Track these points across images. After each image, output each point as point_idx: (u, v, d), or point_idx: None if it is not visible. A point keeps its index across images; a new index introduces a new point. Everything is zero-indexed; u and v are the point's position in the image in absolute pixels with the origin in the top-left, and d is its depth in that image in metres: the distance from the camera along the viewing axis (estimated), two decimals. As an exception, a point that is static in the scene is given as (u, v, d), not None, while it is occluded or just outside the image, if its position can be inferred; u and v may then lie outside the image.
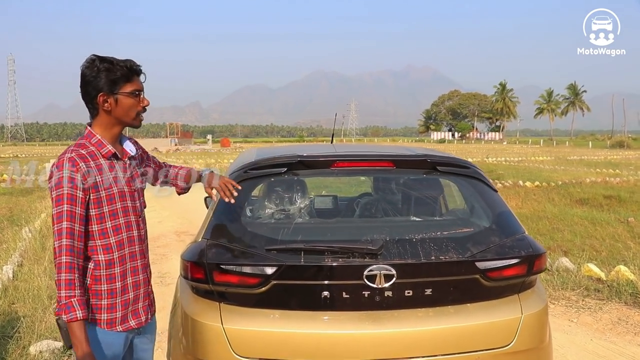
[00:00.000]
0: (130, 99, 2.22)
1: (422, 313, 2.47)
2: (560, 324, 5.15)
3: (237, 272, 2.44)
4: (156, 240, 9.32)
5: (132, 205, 2.31)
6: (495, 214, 2.79)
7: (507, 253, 2.55)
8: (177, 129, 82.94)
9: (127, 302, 2.29)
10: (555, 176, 20.49)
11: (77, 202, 2.10)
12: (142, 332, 2.43)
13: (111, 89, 2.18)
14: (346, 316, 2.44)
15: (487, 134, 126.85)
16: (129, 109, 2.24)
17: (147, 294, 2.41)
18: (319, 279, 2.42)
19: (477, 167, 2.98)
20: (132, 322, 2.31)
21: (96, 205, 2.17)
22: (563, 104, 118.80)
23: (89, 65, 2.17)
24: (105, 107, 2.20)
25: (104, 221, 2.20)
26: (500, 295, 2.58)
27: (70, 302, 2.03)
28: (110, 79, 2.17)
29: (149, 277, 2.45)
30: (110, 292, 2.23)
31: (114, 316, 2.24)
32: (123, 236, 2.26)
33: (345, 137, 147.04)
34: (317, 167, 2.84)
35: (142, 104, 2.29)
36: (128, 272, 2.28)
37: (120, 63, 2.19)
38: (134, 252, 2.31)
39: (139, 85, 2.26)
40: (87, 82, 2.18)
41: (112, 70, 2.17)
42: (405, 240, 2.53)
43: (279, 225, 2.75)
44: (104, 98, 2.18)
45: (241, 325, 2.42)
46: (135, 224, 2.32)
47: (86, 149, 2.20)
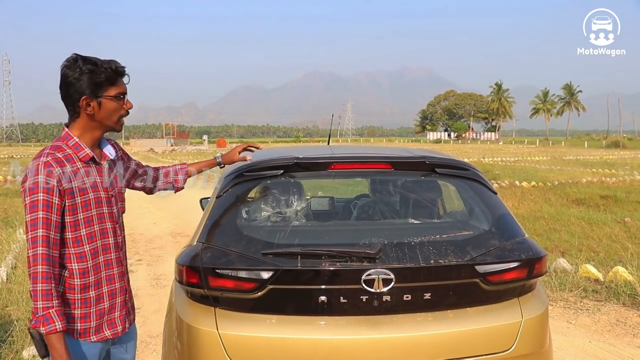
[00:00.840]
0: (114, 102, 2.14)
1: (421, 318, 2.43)
2: (559, 325, 5.13)
3: (232, 276, 2.39)
4: (152, 242, 9.28)
5: (109, 211, 2.22)
6: (495, 217, 2.75)
7: (507, 256, 2.51)
8: (173, 130, 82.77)
9: (102, 311, 2.20)
10: (551, 176, 20.52)
11: (52, 209, 2.00)
12: (119, 342, 2.35)
13: (95, 92, 2.09)
14: (344, 321, 2.39)
15: (483, 134, 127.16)
16: (112, 113, 2.16)
17: (124, 302, 2.33)
18: (316, 283, 2.37)
19: (477, 168, 2.94)
20: (107, 332, 2.23)
21: (71, 212, 2.08)
22: (559, 104, 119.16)
23: (71, 66, 2.07)
24: (88, 111, 2.10)
25: (79, 228, 2.10)
26: (500, 299, 2.54)
27: (48, 314, 1.94)
28: (94, 82, 2.07)
29: (127, 284, 2.37)
30: (84, 301, 2.14)
31: (87, 326, 2.16)
32: (98, 244, 2.17)
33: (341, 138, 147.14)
34: (314, 169, 2.79)
35: (126, 108, 2.21)
36: (103, 281, 2.20)
37: (104, 65, 2.10)
38: (110, 260, 2.23)
39: (123, 88, 2.18)
40: (69, 84, 2.08)
41: (96, 73, 2.07)
42: (403, 243, 2.48)
43: (275, 228, 2.70)
44: (87, 101, 2.09)
45: (237, 330, 2.37)
46: (111, 230, 2.23)
47: (62, 152, 2.10)
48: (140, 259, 8.03)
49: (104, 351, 2.28)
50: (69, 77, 2.07)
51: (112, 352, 2.35)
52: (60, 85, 2.10)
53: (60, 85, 2.10)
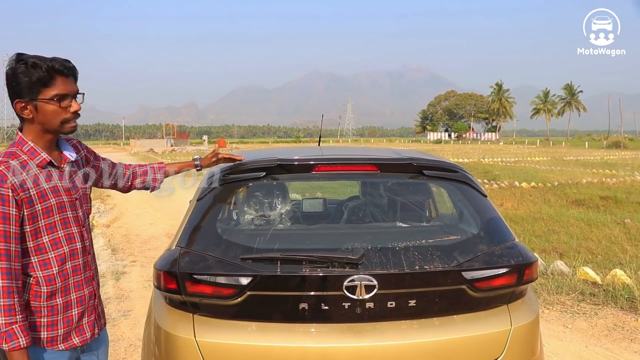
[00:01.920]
0: (51, 105, 1.98)
1: (406, 325, 2.34)
2: (555, 329, 5.04)
3: (210, 282, 2.31)
4: (147, 243, 9.22)
5: (74, 215, 2.12)
6: (484, 221, 2.66)
7: (496, 262, 2.42)
8: (173, 130, 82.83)
9: (70, 318, 2.12)
10: (551, 177, 20.44)
11: (10, 221, 1.90)
12: (89, 349, 2.27)
13: (29, 95, 1.95)
14: (326, 329, 2.31)
15: (483, 135, 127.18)
16: (52, 117, 2.00)
17: (94, 308, 2.24)
18: (297, 289, 2.29)
19: (467, 171, 2.85)
20: (75, 339, 2.15)
21: (31, 220, 1.98)
22: (559, 104, 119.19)
23: (10, 67, 1.95)
24: (25, 114, 1.98)
25: (40, 236, 2.01)
26: (489, 306, 2.45)
27: (11, 330, 1.88)
28: (25, 83, 1.93)
29: (96, 290, 2.27)
30: (50, 308, 2.06)
31: (55, 334, 2.07)
32: (64, 250, 2.08)
33: (342, 138, 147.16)
34: (298, 171, 2.71)
35: (70, 110, 2.03)
36: (71, 288, 2.11)
37: (38, 63, 1.93)
38: (78, 265, 2.14)
39: (63, 89, 1.99)
40: (8, 87, 1.95)
41: (27, 74, 1.92)
42: (387, 248, 2.40)
43: (256, 232, 2.62)
44: (21, 105, 1.96)
45: (215, 338, 2.29)
46: (78, 235, 2.14)
47: (17, 159, 1.98)
48: (135, 260, 7.95)
49: (73, 359, 2.20)
50: (8, 78, 1.96)
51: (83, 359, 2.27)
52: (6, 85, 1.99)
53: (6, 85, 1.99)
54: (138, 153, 53.55)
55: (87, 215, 2.25)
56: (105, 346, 2.40)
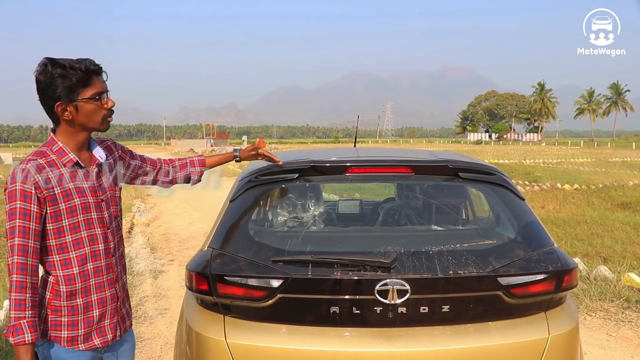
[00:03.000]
0: (91, 104, 2.04)
1: (439, 331, 2.29)
2: (598, 338, 4.87)
3: (241, 284, 2.31)
4: (185, 242, 9.34)
5: (99, 216, 2.14)
6: (521, 225, 2.58)
7: (533, 268, 2.34)
8: (213, 130, 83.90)
9: (91, 319, 2.13)
10: (595, 178, 19.84)
11: (31, 218, 1.95)
12: (112, 349, 2.28)
13: (69, 97, 2.00)
14: (357, 333, 2.28)
15: (525, 135, 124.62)
16: (93, 115, 2.07)
17: (116, 310, 2.24)
18: (328, 293, 2.27)
19: (504, 173, 2.78)
20: (96, 340, 2.16)
21: (54, 219, 2.01)
22: (605, 104, 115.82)
23: (42, 71, 1.98)
24: (66, 116, 2.03)
25: (63, 235, 2.04)
26: (525, 313, 2.37)
27: (19, 324, 1.90)
28: (66, 86, 1.98)
29: (119, 292, 2.27)
30: (71, 308, 2.08)
31: (75, 334, 2.09)
32: (86, 250, 2.09)
33: (380, 139, 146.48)
34: (331, 173, 2.69)
35: (107, 106, 2.11)
36: (92, 289, 2.12)
37: (74, 65, 1.99)
38: (100, 266, 2.15)
39: (100, 87, 2.07)
40: (42, 91, 2.00)
41: (66, 76, 1.97)
42: (421, 252, 2.35)
43: (288, 234, 2.60)
44: (62, 107, 2.01)
45: (246, 340, 2.29)
46: (101, 237, 2.15)
47: (46, 158, 2.04)
48: (173, 259, 8.07)
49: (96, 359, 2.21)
50: (41, 83, 1.99)
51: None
52: (37, 91, 2.02)
53: (37, 91, 2.02)
54: (179, 153, 54.46)
55: (115, 217, 2.25)
56: (130, 347, 2.40)
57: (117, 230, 2.28)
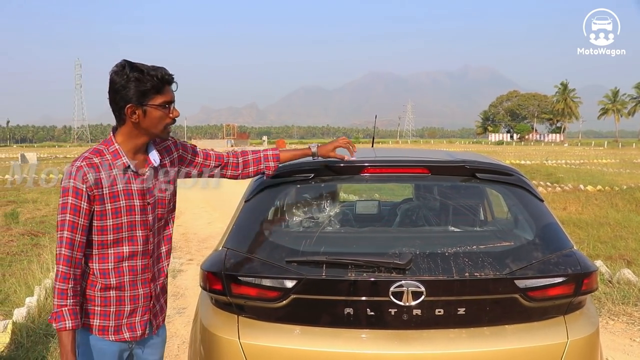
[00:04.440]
0: (159, 111, 2.13)
1: (454, 334, 2.26)
2: (620, 342, 4.78)
3: (255, 284, 2.30)
4: (204, 242, 9.40)
5: (142, 219, 2.20)
6: (539, 227, 2.53)
7: (552, 270, 2.30)
8: (233, 130, 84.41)
9: (122, 313, 2.21)
10: (619, 180, 19.52)
11: (80, 213, 2.05)
12: (143, 344, 2.34)
13: (140, 101, 2.08)
14: (371, 335, 2.26)
15: (547, 136, 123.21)
16: (158, 122, 2.15)
17: (148, 308, 2.30)
18: (342, 294, 2.25)
19: (522, 174, 2.74)
20: (126, 334, 2.23)
21: (99, 217, 2.10)
22: (630, 103, 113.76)
23: (119, 72, 2.07)
24: (134, 118, 2.11)
25: (105, 233, 2.12)
26: (543, 316, 2.33)
27: (61, 312, 2.02)
28: (139, 90, 2.07)
29: (153, 292, 2.32)
30: (103, 299, 2.17)
31: (106, 324, 2.19)
32: (124, 249, 2.17)
33: (401, 139, 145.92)
34: (346, 173, 2.67)
35: (172, 116, 2.18)
36: (126, 285, 2.20)
37: (151, 72, 2.08)
38: (135, 266, 2.21)
39: (169, 97, 2.15)
40: (116, 91, 2.08)
41: (142, 81, 2.06)
42: (436, 254, 2.32)
43: (303, 234, 2.59)
44: (132, 109, 2.09)
45: (259, 340, 2.28)
46: (142, 238, 2.21)
47: (101, 157, 2.12)
48: (192, 258, 8.12)
49: (126, 352, 2.29)
50: (116, 83, 2.07)
51: (136, 353, 2.35)
52: (108, 91, 2.11)
53: (108, 91, 2.11)
54: (199, 153, 54.81)
55: (159, 220, 2.31)
56: (161, 342, 2.46)
57: (161, 232, 2.34)
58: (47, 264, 6.96)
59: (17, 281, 6.40)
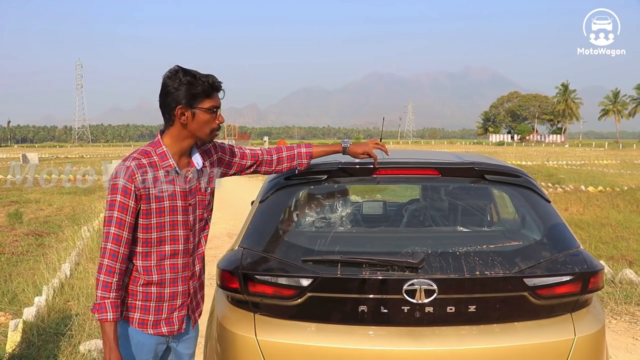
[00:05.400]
0: (207, 114, 2.22)
1: (465, 331, 2.33)
2: (623, 341, 4.84)
3: (272, 282, 2.38)
4: (209, 242, 9.38)
5: (184, 219, 2.29)
6: (547, 227, 2.61)
7: (559, 269, 2.37)
8: (234, 131, 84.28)
9: (161, 309, 2.30)
10: (620, 181, 19.56)
11: (127, 211, 2.15)
12: (179, 338, 2.44)
13: (190, 103, 2.18)
14: (384, 332, 2.33)
15: (548, 137, 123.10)
16: (204, 125, 2.24)
17: (186, 305, 2.40)
18: (356, 292, 2.32)
19: (530, 175, 2.81)
20: (164, 328, 2.33)
21: (144, 216, 2.20)
22: (631, 104, 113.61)
23: (172, 77, 2.18)
24: (182, 120, 2.20)
25: (149, 232, 2.23)
26: (551, 314, 2.40)
27: (103, 303, 2.12)
28: (190, 93, 2.17)
29: (191, 289, 2.41)
30: (145, 294, 2.27)
31: (146, 318, 2.29)
32: (166, 248, 2.27)
33: (402, 140, 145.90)
34: (359, 175, 2.74)
35: (218, 121, 2.28)
36: (167, 282, 2.30)
37: (202, 78, 2.18)
38: (176, 264, 2.31)
39: (217, 102, 2.25)
40: (168, 93, 2.19)
41: (193, 84, 2.16)
42: (448, 253, 2.40)
43: (317, 234, 2.66)
44: (181, 111, 2.19)
45: (275, 337, 2.35)
46: (183, 237, 2.30)
47: (148, 158, 2.22)
48: (196, 258, 8.15)
49: (163, 346, 2.39)
50: (169, 86, 2.18)
51: (172, 347, 2.45)
52: (160, 94, 2.22)
53: (160, 94, 2.22)
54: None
55: (200, 220, 2.39)
56: (195, 336, 2.55)
57: (200, 232, 2.43)
58: (54, 264, 7.01)
59: (24, 280, 6.45)
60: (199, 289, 2.50)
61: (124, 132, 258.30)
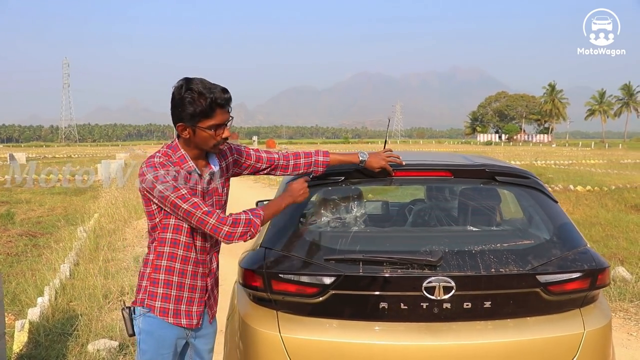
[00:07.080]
0: (207, 132, 2.26)
1: (481, 326, 2.43)
2: (619, 337, 4.97)
3: (295, 281, 2.45)
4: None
5: None
6: (556, 226, 2.72)
7: (569, 266, 2.49)
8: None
9: (181, 298, 2.38)
10: (608, 180, 19.83)
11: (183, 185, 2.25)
12: (198, 333, 2.50)
13: (190, 121, 2.23)
14: (404, 327, 2.42)
15: (535, 136, 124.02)
16: (206, 141, 2.29)
17: (203, 300, 2.48)
18: (377, 289, 2.41)
19: (537, 177, 2.92)
20: (183, 320, 2.40)
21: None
22: (616, 105, 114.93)
23: (177, 91, 2.22)
24: (184, 135, 2.28)
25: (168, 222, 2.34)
26: (561, 309, 2.52)
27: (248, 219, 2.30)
28: (189, 112, 2.21)
29: (210, 287, 2.51)
30: (166, 282, 2.36)
31: (167, 306, 2.36)
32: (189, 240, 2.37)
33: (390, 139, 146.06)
34: (375, 176, 2.82)
35: (221, 137, 2.31)
36: (188, 274, 2.39)
37: (204, 95, 2.19)
38: (197, 259, 2.40)
39: (219, 120, 2.26)
40: (172, 106, 2.26)
41: (193, 103, 2.19)
42: (464, 251, 2.50)
43: (337, 234, 2.74)
44: (182, 127, 2.26)
45: (298, 334, 2.43)
46: (200, 234, 2.40)
47: (170, 160, 2.30)
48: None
49: (182, 341, 2.46)
50: (174, 100, 2.24)
51: (191, 342, 2.51)
52: (170, 103, 2.27)
53: (170, 103, 2.27)
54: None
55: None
56: (213, 332, 2.63)
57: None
58: (54, 265, 7.02)
59: (24, 281, 6.45)
60: (215, 285, 2.58)
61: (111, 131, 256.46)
